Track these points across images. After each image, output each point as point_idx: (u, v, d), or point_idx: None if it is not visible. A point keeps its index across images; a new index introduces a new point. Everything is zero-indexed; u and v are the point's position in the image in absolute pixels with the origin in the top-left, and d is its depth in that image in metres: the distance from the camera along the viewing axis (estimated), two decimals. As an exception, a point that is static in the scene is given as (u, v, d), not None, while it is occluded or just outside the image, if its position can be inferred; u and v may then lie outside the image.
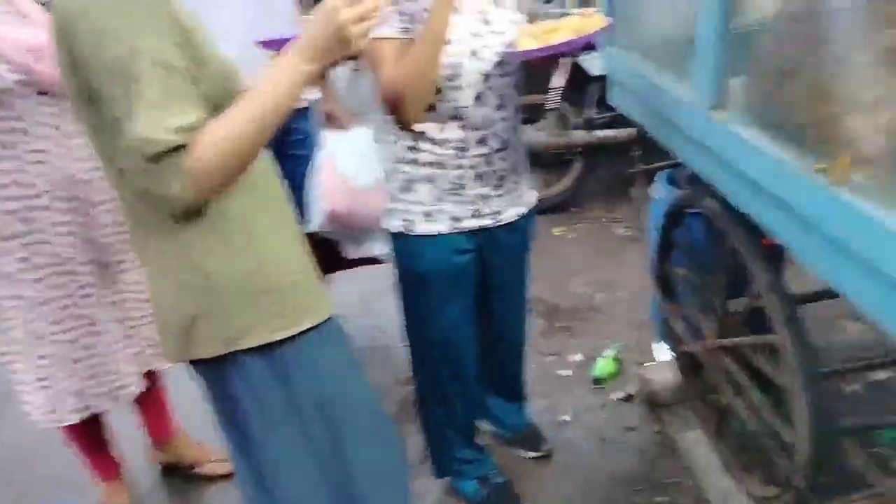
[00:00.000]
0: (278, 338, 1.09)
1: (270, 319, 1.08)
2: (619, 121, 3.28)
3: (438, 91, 1.40)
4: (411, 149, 1.48)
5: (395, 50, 1.33)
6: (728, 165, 1.27)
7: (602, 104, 3.45)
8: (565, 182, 3.75)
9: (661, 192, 2.18)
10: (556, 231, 3.60)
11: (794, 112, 1.13)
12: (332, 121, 1.99)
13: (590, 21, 1.29)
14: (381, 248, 2.11)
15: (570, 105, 3.63)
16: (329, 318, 1.16)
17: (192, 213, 0.99)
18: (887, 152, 1.00)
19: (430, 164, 1.48)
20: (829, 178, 0.96)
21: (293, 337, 1.10)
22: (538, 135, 3.59)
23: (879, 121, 1.06)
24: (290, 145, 2.04)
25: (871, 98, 1.06)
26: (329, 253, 2.07)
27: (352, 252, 2.16)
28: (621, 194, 3.77)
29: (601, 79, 3.26)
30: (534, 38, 1.27)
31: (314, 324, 1.12)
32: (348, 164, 1.92)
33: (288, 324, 1.09)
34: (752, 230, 1.38)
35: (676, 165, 2.00)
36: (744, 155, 1.20)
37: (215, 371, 1.10)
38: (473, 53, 1.39)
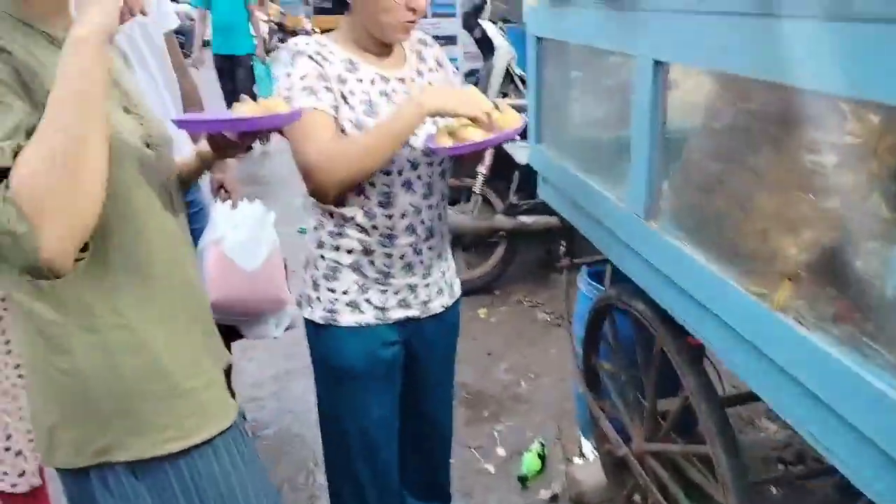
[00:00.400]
0: (159, 453, 0.95)
1: (150, 431, 0.94)
2: (543, 207, 3.35)
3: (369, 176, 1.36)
4: (336, 234, 1.41)
5: (327, 124, 1.27)
6: (658, 271, 1.27)
7: (525, 190, 3.52)
8: (489, 264, 3.77)
9: (586, 286, 2.20)
10: (481, 312, 3.57)
11: (721, 226, 1.15)
12: (223, 191, 1.83)
13: (504, 119, 1.24)
14: (277, 329, 1.99)
15: (494, 190, 3.69)
16: (227, 427, 1.02)
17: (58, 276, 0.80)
18: (808, 269, 1.02)
19: (356, 251, 1.41)
20: (772, 305, 0.97)
21: (179, 451, 0.96)
22: (462, 217, 3.61)
23: (802, 239, 1.09)
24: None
25: (793, 217, 1.09)
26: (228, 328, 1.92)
27: (249, 334, 2.02)
28: (543, 279, 3.83)
29: (526, 166, 3.35)
30: (450, 134, 1.24)
31: (206, 438, 0.98)
32: (236, 245, 1.78)
33: (172, 437, 0.95)
34: (680, 331, 1.38)
35: (603, 261, 2.02)
36: (674, 264, 1.20)
37: (79, 483, 0.94)
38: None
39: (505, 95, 5.81)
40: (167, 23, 1.96)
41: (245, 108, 1.04)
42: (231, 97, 5.97)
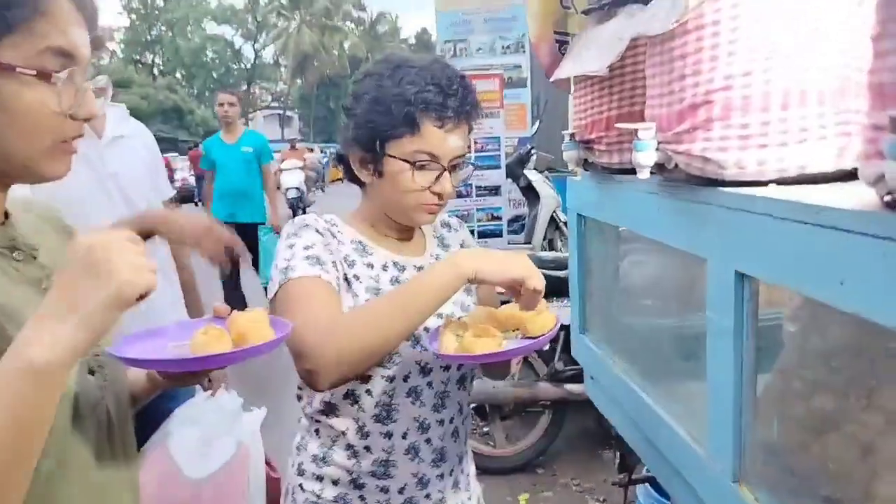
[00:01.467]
0: None
1: None
2: (591, 379, 2.97)
3: (368, 378, 1.08)
4: (320, 460, 1.13)
5: (330, 296, 1.03)
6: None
7: (570, 354, 3.17)
8: (531, 438, 3.33)
9: (645, 498, 1.79)
10: (522, 499, 3.09)
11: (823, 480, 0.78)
12: (207, 380, 1.52)
13: (535, 321, 0.98)
14: None
15: (539, 355, 3.35)
16: None
17: None
18: None
19: (343, 482, 1.11)
20: None
21: None
22: (500, 384, 3.25)
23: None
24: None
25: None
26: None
27: None
28: (595, 457, 3.34)
29: (568, 328, 3.03)
30: (458, 338, 0.96)
31: None
32: (186, 446, 1.44)
33: None
34: None
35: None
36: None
37: None
38: (414, 336, 1.09)
39: (551, 242, 5.65)
40: (163, 194, 1.80)
41: (207, 337, 0.77)
42: (231, 277, 4.71)
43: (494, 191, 5.67)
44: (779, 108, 0.81)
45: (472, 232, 5.93)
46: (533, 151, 5.63)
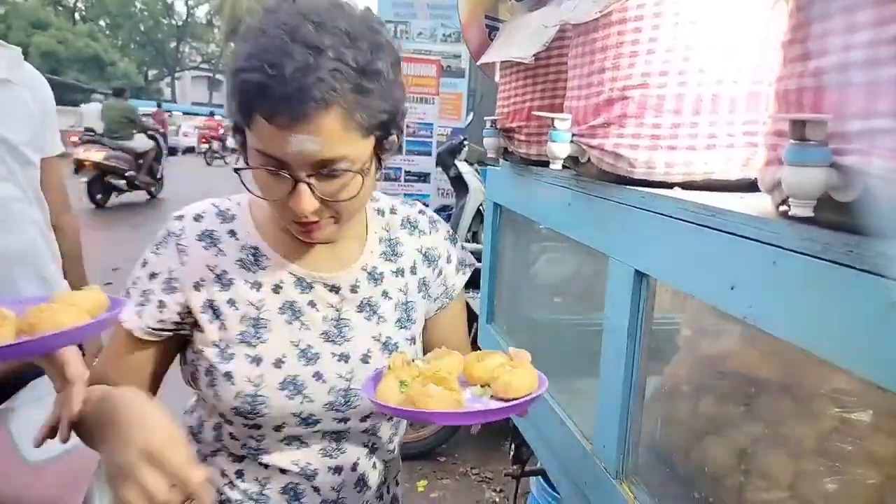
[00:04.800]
0: None
1: None
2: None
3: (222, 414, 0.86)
4: (202, 460, 0.90)
5: (123, 351, 0.86)
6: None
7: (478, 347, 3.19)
8: (434, 427, 3.33)
9: (538, 491, 1.81)
10: (420, 485, 3.09)
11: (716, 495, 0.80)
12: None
13: (517, 378, 0.74)
14: None
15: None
16: None
17: None
18: None
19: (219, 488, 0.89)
20: None
21: None
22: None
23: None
24: None
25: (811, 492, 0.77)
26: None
27: None
28: (498, 448, 3.38)
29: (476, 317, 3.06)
30: (402, 386, 0.73)
31: None
32: (27, 426, 1.30)
33: None
34: None
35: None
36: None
37: None
38: (289, 384, 0.83)
39: (475, 234, 5.69)
40: (44, 151, 1.63)
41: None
42: None
43: (424, 178, 5.65)
44: (690, 113, 0.81)
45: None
46: (465, 143, 5.63)
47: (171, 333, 0.85)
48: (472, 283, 2.08)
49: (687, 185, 0.85)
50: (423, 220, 0.98)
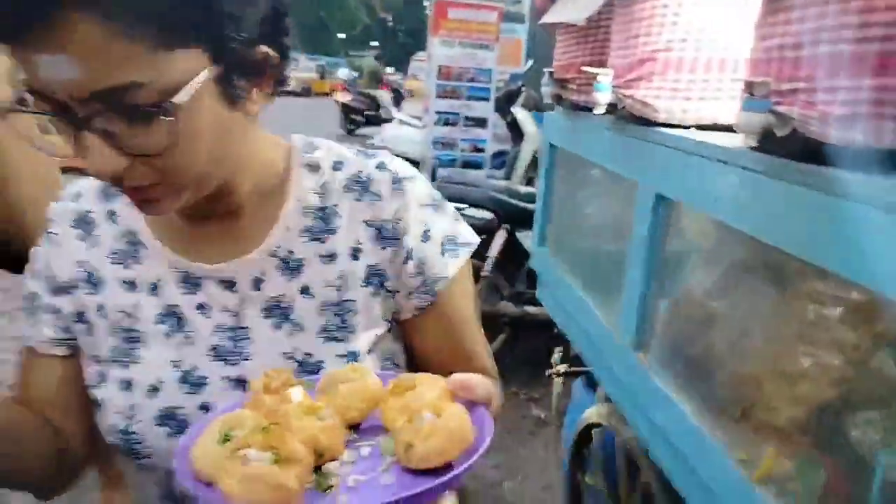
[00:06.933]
0: None
1: None
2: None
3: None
4: None
5: (25, 363, 0.70)
6: (642, 409, 1.20)
7: (531, 279, 3.49)
8: (489, 351, 3.69)
9: (580, 393, 2.11)
10: (473, 401, 3.47)
11: (712, 373, 1.09)
12: None
13: (420, 443, 0.48)
14: None
15: (503, 275, 3.66)
16: None
17: None
18: (802, 430, 0.96)
19: None
20: (753, 474, 0.90)
21: None
22: (468, 300, 3.56)
23: (796, 395, 1.03)
24: None
25: (790, 370, 1.04)
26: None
27: None
28: (541, 374, 3.72)
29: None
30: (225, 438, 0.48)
31: None
32: None
33: None
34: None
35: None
36: (660, 406, 1.13)
37: None
38: (168, 420, 0.64)
39: (531, 180, 5.88)
40: None
41: None
42: None
43: (481, 123, 5.83)
44: (702, 71, 1.06)
45: (452, 162, 6.10)
46: (523, 89, 5.76)
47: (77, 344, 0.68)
48: (530, 225, 2.08)
49: (699, 127, 1.11)
50: (382, 178, 0.67)
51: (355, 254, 0.66)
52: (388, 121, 9.29)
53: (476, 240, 0.72)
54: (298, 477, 0.43)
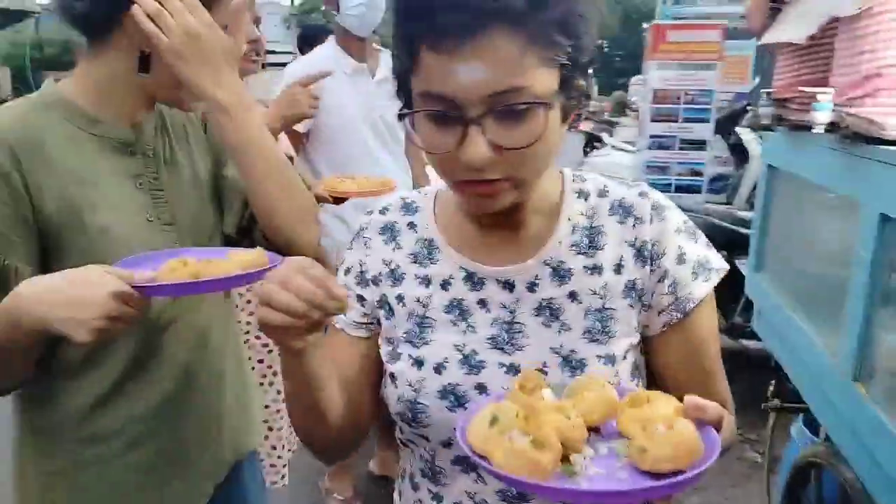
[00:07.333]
0: None
1: None
2: (769, 335, 3.08)
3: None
4: (409, 476, 0.84)
5: (331, 342, 0.80)
6: (865, 447, 1.13)
7: (748, 311, 3.27)
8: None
9: (798, 434, 1.97)
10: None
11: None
12: None
13: (659, 443, 0.54)
14: None
15: (720, 306, 3.47)
16: None
17: None
18: None
19: None
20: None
21: None
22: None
23: None
24: None
25: None
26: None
27: None
28: (760, 413, 3.43)
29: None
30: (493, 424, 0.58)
31: None
32: None
33: None
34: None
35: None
36: (881, 442, 1.06)
37: None
38: (449, 394, 0.74)
39: (754, 204, 5.43)
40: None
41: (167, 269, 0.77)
42: None
43: (699, 145, 5.56)
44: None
45: (666, 186, 5.87)
46: (748, 108, 5.39)
47: (375, 328, 0.81)
48: (745, 249, 1.98)
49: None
50: (644, 204, 0.75)
51: (618, 269, 0.74)
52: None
53: (726, 266, 0.75)
54: (550, 460, 0.53)
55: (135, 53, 0.85)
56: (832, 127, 1.19)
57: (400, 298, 0.77)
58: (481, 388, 0.71)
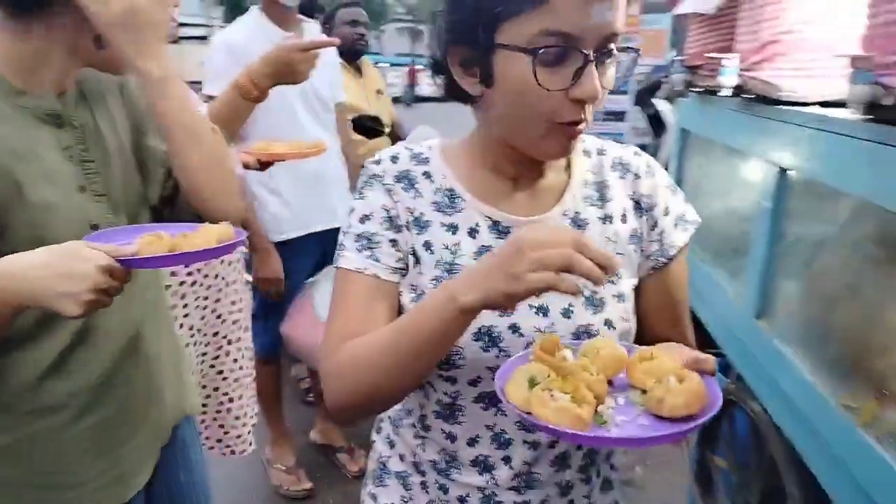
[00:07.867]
0: None
1: None
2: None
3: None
4: (394, 423, 0.90)
5: (369, 301, 0.79)
6: (767, 376, 1.27)
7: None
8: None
9: (711, 377, 2.14)
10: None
11: (833, 340, 1.14)
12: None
13: (675, 393, 0.62)
14: None
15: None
16: None
17: None
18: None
19: (406, 461, 0.89)
20: (858, 420, 0.96)
21: None
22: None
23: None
24: None
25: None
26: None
27: None
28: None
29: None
30: (531, 384, 0.65)
31: None
32: (323, 297, 1.94)
33: None
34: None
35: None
36: (781, 369, 1.20)
37: None
38: (484, 335, 0.77)
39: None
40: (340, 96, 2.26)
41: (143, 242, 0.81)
42: None
43: (619, 116, 5.75)
44: (824, 52, 1.12)
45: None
46: (665, 80, 5.61)
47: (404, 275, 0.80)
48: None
49: (821, 104, 1.16)
50: (639, 162, 0.83)
51: (623, 218, 0.81)
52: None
53: (699, 219, 0.85)
54: (588, 413, 0.61)
55: (69, 25, 0.84)
56: (737, 90, 1.30)
57: (427, 246, 0.79)
58: (514, 329, 0.76)
